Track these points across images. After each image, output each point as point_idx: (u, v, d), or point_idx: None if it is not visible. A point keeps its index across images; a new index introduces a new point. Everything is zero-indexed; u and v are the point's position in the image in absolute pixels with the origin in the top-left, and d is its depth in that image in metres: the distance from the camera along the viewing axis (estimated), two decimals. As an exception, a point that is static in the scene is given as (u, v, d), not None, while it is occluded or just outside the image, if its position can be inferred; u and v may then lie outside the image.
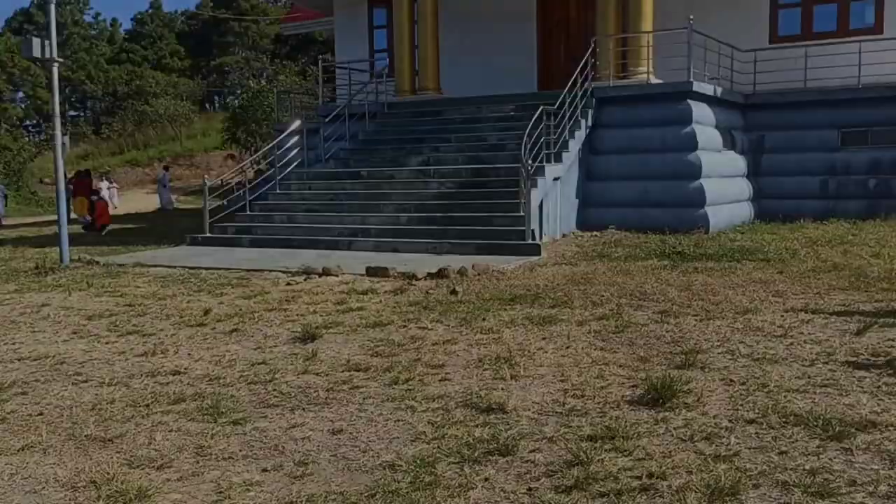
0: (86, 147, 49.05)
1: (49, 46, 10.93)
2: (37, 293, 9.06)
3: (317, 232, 12.63)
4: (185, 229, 15.04)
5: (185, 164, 43.59)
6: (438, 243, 11.36)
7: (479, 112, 14.76)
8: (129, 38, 67.01)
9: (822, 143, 14.24)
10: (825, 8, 15.04)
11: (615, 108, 13.48)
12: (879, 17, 14.59)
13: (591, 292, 7.75)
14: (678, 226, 12.30)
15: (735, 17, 15.31)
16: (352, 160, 14.67)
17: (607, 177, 13.35)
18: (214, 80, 60.80)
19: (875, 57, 13.68)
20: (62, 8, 57.08)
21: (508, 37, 17.70)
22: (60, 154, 11.53)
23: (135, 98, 52.59)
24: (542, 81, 17.49)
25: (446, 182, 12.90)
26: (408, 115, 15.57)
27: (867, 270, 8.40)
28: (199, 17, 62.71)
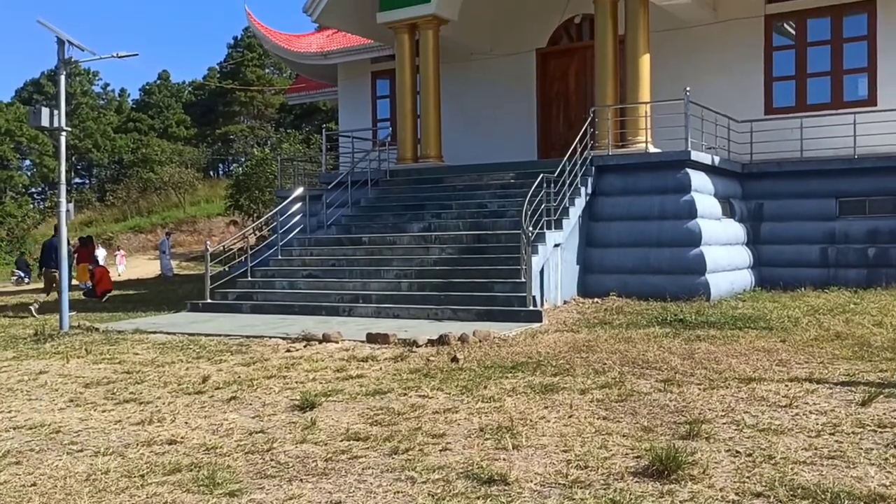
0: (90, 214, 49.42)
1: (58, 116, 11.12)
2: (35, 360, 9.00)
3: (318, 298, 12.63)
4: (186, 295, 15.04)
5: (187, 231, 43.86)
6: (439, 309, 11.34)
7: (480, 179, 14.91)
8: (137, 107, 68.16)
9: (820, 212, 14.33)
10: (819, 81, 15.31)
11: (615, 176, 13.63)
12: (873, 89, 14.84)
13: (593, 360, 7.69)
14: (679, 293, 12.29)
15: (731, 89, 15.60)
16: (353, 226, 14.76)
17: (608, 243, 13.40)
18: (219, 148, 61.62)
19: (870, 128, 13.88)
20: (72, 78, 58.23)
21: (509, 106, 18.02)
22: (64, 221, 11.61)
23: (140, 166, 53.24)
24: (542, 150, 17.74)
25: (447, 248, 12.95)
26: (409, 182, 15.73)
27: (870, 340, 8.35)
28: (206, 88, 63.91)
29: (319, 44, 21.11)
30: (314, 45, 21.17)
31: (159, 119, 64.15)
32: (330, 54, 20.30)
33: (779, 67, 15.63)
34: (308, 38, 21.98)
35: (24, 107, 55.68)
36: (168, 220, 45.60)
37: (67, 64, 11.25)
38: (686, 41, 16.03)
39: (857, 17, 14.95)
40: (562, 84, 17.90)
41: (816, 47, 15.33)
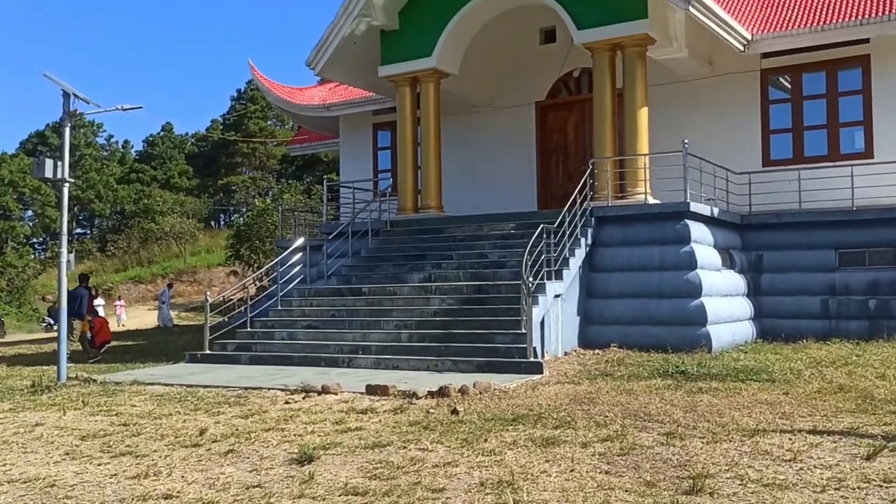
0: (90, 264, 49.49)
1: (61, 168, 11.21)
2: (31, 412, 8.92)
3: (317, 349, 12.57)
4: (185, 346, 14.97)
5: (188, 281, 43.87)
6: (439, 360, 11.28)
7: (481, 230, 14.96)
8: (140, 158, 68.82)
9: (820, 264, 14.34)
10: (816, 133, 15.47)
11: (614, 227, 13.68)
12: (869, 142, 14.97)
13: (594, 412, 7.62)
14: (680, 344, 12.24)
15: (728, 141, 15.75)
16: (354, 277, 14.76)
17: (608, 294, 13.38)
18: (221, 198, 62.01)
19: (867, 180, 13.97)
20: (76, 131, 58.88)
21: (509, 158, 18.17)
22: (65, 272, 11.62)
23: (142, 216, 53.51)
24: (541, 200, 17.83)
25: (447, 299, 12.93)
26: (410, 233, 15.78)
27: (873, 392, 8.29)
28: (209, 139, 64.58)
29: (322, 96, 21.38)
30: (316, 97, 21.45)
31: (162, 170, 64.70)
32: (332, 106, 20.55)
33: (775, 120, 15.81)
34: (311, 91, 22.28)
35: (28, 158, 56.27)
36: (168, 270, 45.64)
37: (72, 116, 11.39)
38: (683, 94, 16.24)
39: (851, 72, 15.17)
40: (561, 136, 18.09)
41: (812, 101, 15.52)
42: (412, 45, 16.12)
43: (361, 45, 16.44)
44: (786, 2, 15.95)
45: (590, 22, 14.32)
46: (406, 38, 16.23)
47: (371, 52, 16.56)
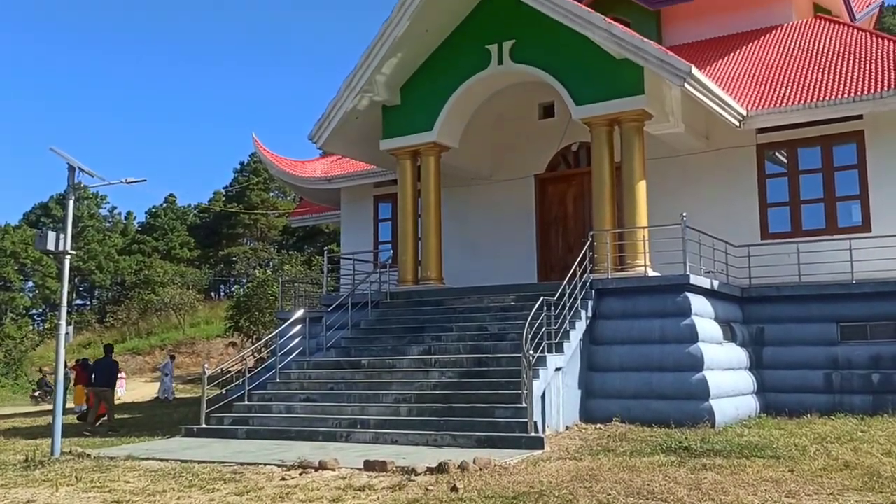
0: (89, 336, 49.27)
1: (64, 240, 11.28)
2: (23, 488, 8.75)
3: (315, 423, 12.40)
4: (182, 420, 14.78)
5: (186, 352, 43.56)
6: (439, 435, 11.12)
7: (481, 302, 14.94)
8: (142, 229, 69.23)
9: (821, 337, 14.27)
10: (813, 207, 15.59)
11: (615, 300, 13.67)
12: (866, 215, 15.07)
13: (596, 490, 7.48)
14: (683, 419, 12.08)
15: (727, 214, 15.88)
16: (353, 349, 14.68)
17: (609, 368, 13.28)
18: (221, 269, 62.14)
19: (866, 254, 14.02)
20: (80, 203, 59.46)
21: (508, 229, 18.28)
22: (63, 344, 11.57)
23: (142, 287, 53.53)
24: (541, 272, 17.87)
25: (447, 371, 12.83)
26: (410, 305, 15.75)
27: (880, 470, 8.14)
28: (211, 211, 65.10)
29: (324, 169, 21.65)
30: (318, 170, 21.72)
31: (163, 241, 65.02)
32: (334, 179, 20.79)
33: (773, 194, 15.96)
34: (313, 164, 22.58)
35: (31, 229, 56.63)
36: (167, 341, 45.40)
37: (76, 189, 11.52)
38: (681, 167, 16.45)
39: (846, 147, 15.37)
40: (560, 208, 18.25)
41: (808, 175, 15.69)
42: (413, 120, 16.42)
43: (363, 119, 16.75)
44: (780, 79, 16.29)
45: (588, 98, 14.62)
46: (407, 113, 16.54)
47: (372, 126, 16.85)
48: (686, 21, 20.11)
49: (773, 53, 17.65)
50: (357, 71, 16.07)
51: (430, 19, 15.73)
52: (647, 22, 20.00)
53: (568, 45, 14.68)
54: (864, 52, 16.12)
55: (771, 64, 17.13)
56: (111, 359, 17.84)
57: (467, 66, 15.95)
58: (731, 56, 18.20)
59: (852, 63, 15.82)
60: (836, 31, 17.81)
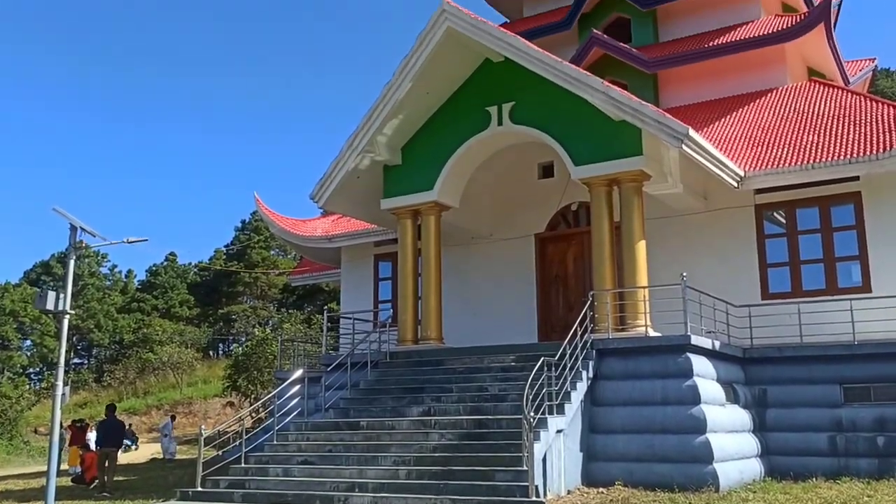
0: (85, 395, 48.80)
1: (63, 299, 11.27)
2: (13, 553, 8.55)
3: (312, 486, 12.18)
4: (177, 482, 14.54)
5: (183, 412, 43.05)
6: (438, 499, 10.92)
7: (481, 362, 14.84)
8: (142, 287, 69.19)
9: (825, 399, 14.12)
10: (813, 267, 15.59)
11: (616, 360, 13.57)
12: (866, 276, 15.08)
13: (599, 557, 7.30)
14: (686, 483, 11.88)
15: (727, 274, 15.89)
16: (352, 410, 14.52)
17: (611, 429, 13.11)
18: (220, 327, 61.91)
19: (867, 314, 13.98)
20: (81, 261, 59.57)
21: (509, 289, 18.28)
22: (59, 405, 11.46)
23: (140, 346, 53.25)
24: (542, 332, 17.80)
25: (447, 433, 12.66)
26: (409, 365, 15.65)
27: (889, 534, 7.97)
28: (211, 269, 65.17)
29: (324, 228, 21.76)
30: (319, 229, 21.82)
31: (163, 299, 64.94)
32: (334, 238, 20.87)
33: (772, 254, 16.00)
34: (314, 223, 22.69)
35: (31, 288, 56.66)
36: (164, 401, 44.94)
37: (78, 248, 11.55)
38: (681, 227, 16.52)
39: (843, 208, 15.46)
40: (561, 267, 18.27)
41: (807, 235, 15.75)
42: (414, 180, 16.56)
43: (364, 178, 16.89)
44: (776, 141, 16.48)
45: (587, 158, 14.77)
46: (408, 173, 16.70)
47: (373, 186, 16.99)
48: (682, 84, 20.45)
49: (769, 116, 17.90)
50: (359, 131, 16.28)
51: (432, 82, 16.00)
52: (644, 84, 20.35)
53: (567, 106, 14.90)
54: (858, 114, 16.34)
55: (767, 126, 17.35)
56: (116, 418, 17.74)
57: (468, 127, 16.16)
58: (728, 118, 18.46)
59: (848, 125, 16.02)
60: (831, 94, 18.10)
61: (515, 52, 14.97)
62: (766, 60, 19.41)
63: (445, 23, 15.26)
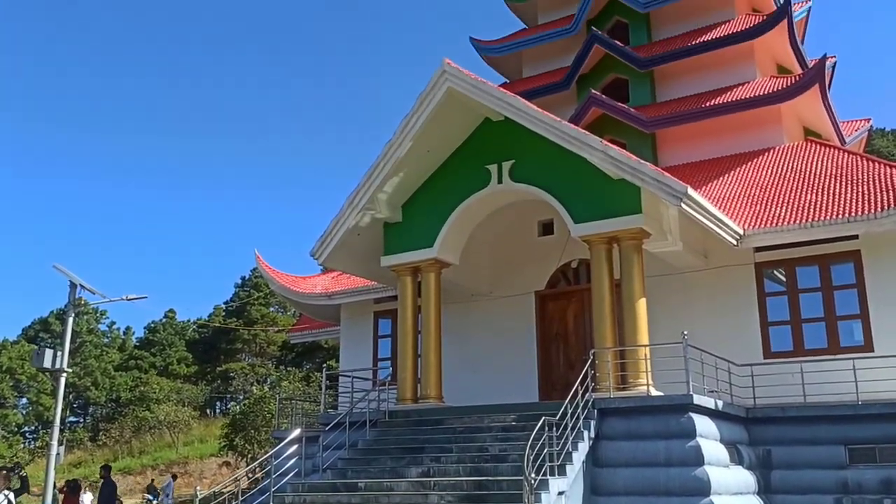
0: (80, 454, 48.09)
1: (60, 357, 11.20)
2: None
3: (309, 549, 11.91)
4: (170, 545, 14.17)
5: (179, 472, 42.30)
6: (438, 564, 10.65)
7: (481, 421, 14.65)
8: (140, 345, 68.84)
9: (830, 460, 13.90)
10: (814, 326, 15.50)
11: (617, 420, 13.40)
12: (868, 335, 14.97)
13: None
14: (692, 547, 11.61)
15: (728, 332, 15.79)
16: (349, 470, 14.28)
17: (614, 491, 12.87)
18: (218, 385, 61.38)
19: (870, 374, 13.86)
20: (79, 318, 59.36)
21: (510, 347, 18.16)
22: (53, 464, 11.29)
23: (137, 404, 52.70)
24: (542, 390, 17.63)
25: (446, 495, 12.41)
26: (409, 424, 15.44)
27: None
28: (210, 325, 64.92)
29: (324, 285, 21.73)
30: (319, 285, 21.79)
31: (161, 357, 64.54)
32: (334, 295, 20.82)
33: (773, 312, 15.92)
34: (313, 280, 22.67)
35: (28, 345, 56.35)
36: (160, 461, 44.27)
37: (77, 305, 11.53)
38: (681, 285, 16.50)
39: (843, 266, 15.44)
40: (561, 325, 18.19)
41: (808, 294, 15.71)
42: (414, 237, 16.60)
43: (364, 236, 16.93)
44: (775, 199, 16.56)
45: (586, 216, 14.83)
46: (408, 230, 16.75)
47: (373, 243, 17.02)
48: (680, 143, 20.68)
49: (767, 175, 18.03)
50: (359, 189, 16.38)
51: (432, 140, 16.17)
52: (642, 143, 20.58)
53: (566, 165, 15.02)
54: (856, 174, 16.46)
55: (765, 185, 17.47)
56: (111, 479, 17.43)
57: (468, 184, 16.27)
58: (726, 177, 18.60)
59: (845, 185, 16.13)
60: (828, 153, 18.27)
61: (515, 112, 15.15)
62: (763, 120, 19.66)
63: (446, 83, 15.48)
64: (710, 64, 21.33)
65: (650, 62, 21.88)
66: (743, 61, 21.09)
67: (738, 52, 21.06)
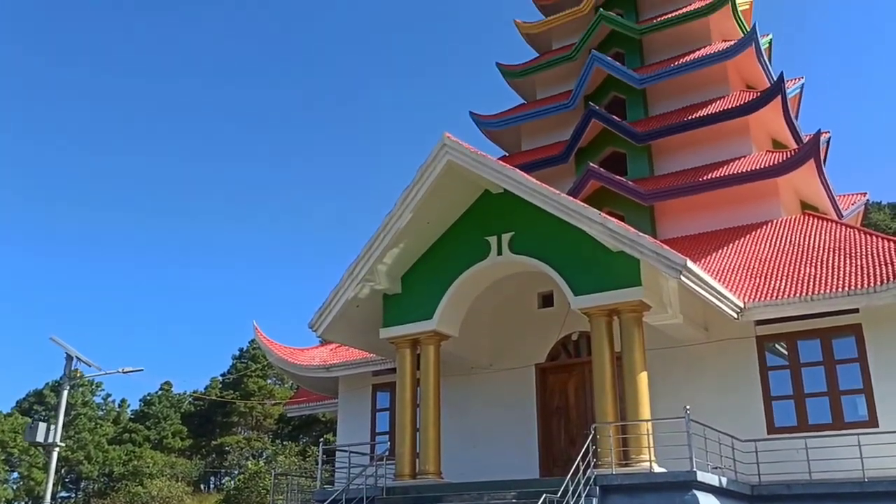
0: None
1: (54, 431, 11.02)
2: None
3: None
4: None
5: (170, 550, 41.30)
6: None
7: (480, 499, 14.29)
8: (135, 418, 67.88)
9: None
10: (817, 400, 15.26)
11: (620, 498, 13.07)
12: (872, 410, 14.74)
13: None
14: None
15: (731, 407, 15.57)
16: (346, 550, 13.90)
17: (618, 572, 12.49)
18: (213, 459, 60.25)
19: (875, 450, 13.62)
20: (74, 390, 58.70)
21: (509, 421, 17.89)
22: (40, 541, 10.99)
23: (130, 479, 51.63)
24: (543, 466, 17.29)
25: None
26: (407, 501, 15.07)
27: None
28: (206, 398, 64.15)
29: (322, 357, 21.54)
30: (317, 358, 21.60)
31: (156, 430, 63.56)
32: (332, 367, 20.60)
33: (776, 387, 15.70)
34: (311, 352, 22.48)
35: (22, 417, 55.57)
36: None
37: (73, 378, 11.41)
38: (683, 358, 16.35)
39: (845, 340, 15.31)
40: (562, 399, 17.95)
41: (810, 368, 15.53)
42: (413, 309, 16.52)
43: (363, 307, 16.87)
44: (774, 272, 16.55)
45: (586, 288, 14.78)
46: (408, 302, 16.68)
47: (372, 315, 16.94)
48: (679, 216, 20.82)
49: (766, 248, 18.08)
50: (359, 260, 16.38)
51: (432, 212, 16.25)
52: (641, 216, 20.72)
53: (565, 237, 15.06)
54: (854, 247, 16.50)
55: (764, 258, 17.49)
56: None
57: (467, 256, 16.28)
58: (725, 249, 18.65)
59: (844, 258, 16.14)
60: (825, 227, 18.36)
61: (514, 184, 15.28)
62: (760, 194, 19.84)
63: (446, 156, 15.65)
64: (706, 138, 21.66)
65: (647, 136, 22.22)
66: (739, 136, 21.43)
67: (734, 127, 21.41)
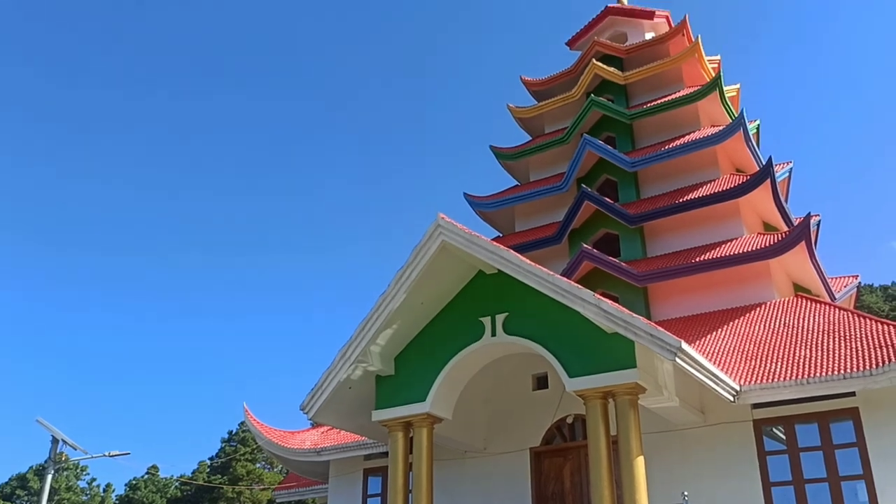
0: None
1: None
2: None
3: None
4: None
5: None
6: None
7: (474, 589, 13.86)
8: (120, 503, 66.05)
9: None
10: (817, 486, 14.97)
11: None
12: (873, 496, 14.41)
13: None
14: None
15: (730, 492, 15.26)
16: None
17: None
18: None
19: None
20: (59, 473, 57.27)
21: (503, 507, 17.47)
22: None
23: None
24: (539, 556, 16.79)
25: None
26: (398, 592, 14.58)
27: None
28: (193, 483, 62.58)
29: (313, 440, 21.15)
30: (308, 441, 21.21)
31: (141, 515, 61.75)
32: (323, 451, 20.22)
33: (774, 472, 15.40)
34: (302, 435, 22.09)
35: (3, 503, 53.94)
36: None
37: (58, 462, 11.15)
38: (679, 442, 16.09)
39: (843, 424, 15.11)
40: (557, 484, 17.56)
41: (809, 452, 15.29)
42: (406, 390, 16.29)
43: (356, 389, 16.64)
44: (769, 355, 16.47)
45: (580, 370, 14.63)
46: (401, 383, 16.46)
47: (364, 397, 16.70)
48: (672, 297, 20.85)
49: (760, 329, 18.05)
50: (352, 341, 16.23)
51: (426, 292, 16.21)
52: (635, 297, 20.75)
53: (559, 318, 14.99)
54: (848, 330, 16.49)
55: (759, 340, 17.44)
56: None
57: (461, 337, 16.17)
58: (719, 331, 18.61)
59: (839, 341, 16.10)
60: (819, 309, 18.38)
61: (508, 265, 15.31)
62: (753, 276, 19.94)
63: (440, 237, 15.72)
64: (698, 220, 21.90)
65: (639, 218, 22.45)
66: (730, 218, 21.69)
67: (725, 210, 21.68)
